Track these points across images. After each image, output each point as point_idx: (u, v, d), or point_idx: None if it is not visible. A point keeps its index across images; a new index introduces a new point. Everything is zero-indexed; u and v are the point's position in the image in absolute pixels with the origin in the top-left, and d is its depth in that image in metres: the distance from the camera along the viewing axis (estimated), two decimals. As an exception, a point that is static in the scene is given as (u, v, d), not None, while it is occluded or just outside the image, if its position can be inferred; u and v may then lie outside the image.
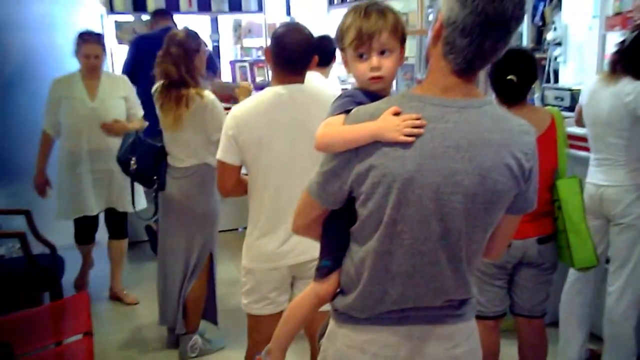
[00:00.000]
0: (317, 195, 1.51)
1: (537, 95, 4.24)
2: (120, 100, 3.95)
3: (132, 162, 3.26)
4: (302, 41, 2.31)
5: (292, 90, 2.31)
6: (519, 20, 1.33)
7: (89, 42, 3.83)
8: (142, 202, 3.99)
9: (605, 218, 3.00)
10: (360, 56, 1.51)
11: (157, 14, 5.35)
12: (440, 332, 1.50)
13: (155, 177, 3.25)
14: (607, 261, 3.10)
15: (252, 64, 6.31)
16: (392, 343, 1.49)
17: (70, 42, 3.85)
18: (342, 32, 1.53)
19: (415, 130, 1.33)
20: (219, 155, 2.35)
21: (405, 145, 1.33)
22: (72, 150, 3.90)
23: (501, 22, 1.30)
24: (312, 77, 3.49)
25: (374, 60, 1.49)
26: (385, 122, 1.35)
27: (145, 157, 3.27)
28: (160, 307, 3.51)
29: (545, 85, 4.47)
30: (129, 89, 4.06)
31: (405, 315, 1.48)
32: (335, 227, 1.57)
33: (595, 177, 2.98)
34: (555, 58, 4.73)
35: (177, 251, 3.33)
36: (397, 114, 1.35)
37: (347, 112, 1.46)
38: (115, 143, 3.65)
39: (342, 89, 4.60)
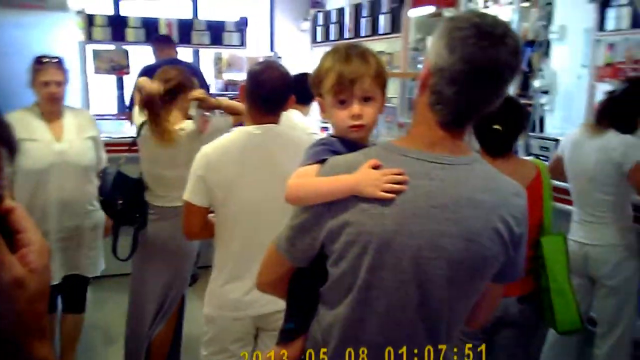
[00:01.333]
0: (286, 251, 1.38)
1: (521, 144, 4.17)
2: (88, 141, 3.24)
3: (120, 201, 3.02)
4: (279, 79, 2.20)
5: (266, 131, 2.18)
6: (514, 69, 1.21)
7: (49, 67, 3.11)
8: (101, 264, 3.46)
9: (588, 278, 2.88)
10: (341, 102, 1.39)
11: (161, 42, 5.18)
12: None
13: (137, 215, 3.05)
14: (589, 322, 2.98)
15: (232, 99, 6.19)
16: None
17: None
18: (320, 75, 1.42)
19: (397, 187, 1.21)
20: (186, 195, 2.21)
21: (384, 202, 1.21)
22: (35, 204, 3.09)
23: (492, 70, 1.18)
24: (292, 115, 3.38)
25: (356, 107, 1.37)
26: (363, 175, 1.23)
27: (130, 193, 3.06)
28: (128, 352, 3.27)
29: (530, 134, 4.41)
30: (96, 128, 3.38)
31: None
32: (303, 286, 1.45)
33: (578, 234, 2.88)
34: (542, 106, 4.69)
35: (154, 292, 3.14)
36: (377, 167, 1.24)
37: (322, 161, 1.34)
38: (90, 192, 3.24)
39: (322, 128, 4.55)
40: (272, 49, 7.40)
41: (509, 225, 1.26)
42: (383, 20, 5.45)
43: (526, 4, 5.24)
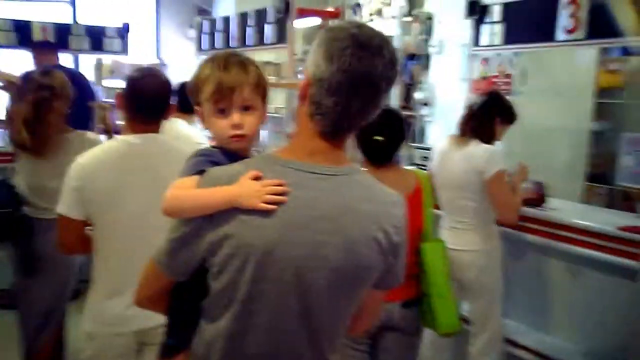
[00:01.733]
0: (165, 265, 1.34)
1: (403, 154, 4.31)
2: None
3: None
4: (159, 87, 2.13)
5: (146, 140, 2.11)
6: (391, 80, 1.24)
7: None
8: None
9: (458, 281, 3.02)
10: (220, 111, 1.37)
11: (40, 47, 4.89)
12: None
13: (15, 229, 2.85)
14: (463, 320, 3.12)
15: (114, 106, 5.95)
16: None
17: None
18: (198, 84, 1.39)
19: (277, 198, 1.20)
20: (60, 208, 2.09)
21: (265, 213, 1.20)
22: None
23: (370, 81, 1.20)
24: (176, 124, 3.30)
25: (236, 116, 1.36)
26: (243, 187, 1.21)
27: (10, 204, 2.86)
28: None
29: (412, 144, 4.57)
30: None
31: None
32: (183, 300, 1.40)
33: (447, 240, 3.02)
34: (422, 117, 4.87)
35: (39, 306, 2.99)
36: (257, 178, 1.22)
37: (201, 172, 1.31)
38: None
39: (210, 138, 4.44)
40: (157, 56, 7.22)
41: (387, 234, 1.28)
42: (269, 30, 5.45)
43: (408, 19, 5.45)
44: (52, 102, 2.78)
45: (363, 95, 1.21)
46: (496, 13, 3.99)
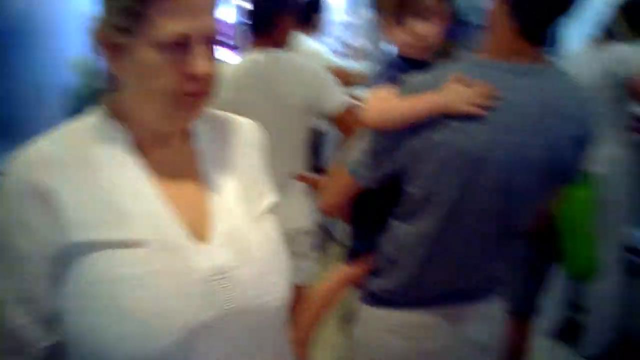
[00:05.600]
0: (361, 176, 1.37)
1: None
2: None
3: None
4: None
5: (267, 58, 2.10)
6: None
7: None
8: None
9: None
10: (401, 22, 1.36)
11: None
12: (478, 310, 1.42)
13: None
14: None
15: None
16: (430, 324, 1.39)
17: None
18: None
19: (487, 101, 1.19)
20: None
21: (477, 118, 1.19)
22: None
23: None
24: (303, 40, 3.21)
25: (420, 26, 1.35)
26: (452, 92, 1.20)
27: None
28: None
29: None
30: None
31: (444, 295, 1.39)
32: (369, 207, 1.44)
33: None
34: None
35: None
36: (463, 81, 1.21)
37: (393, 81, 1.31)
38: None
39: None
40: None
41: (584, 128, 1.28)
42: None
43: None
44: None
45: None
46: None
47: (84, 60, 3.42)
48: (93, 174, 0.85)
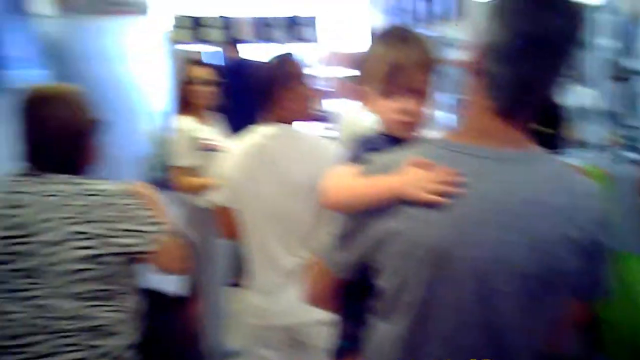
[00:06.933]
0: (330, 262, 1.25)
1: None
2: None
3: None
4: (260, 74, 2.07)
5: (281, 132, 2.04)
6: (574, 40, 1.04)
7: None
8: None
9: None
10: (387, 93, 1.25)
11: (227, 43, 5.18)
12: None
13: None
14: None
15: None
16: None
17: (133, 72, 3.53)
18: (365, 61, 1.29)
19: (446, 188, 1.04)
20: (217, 195, 2.16)
21: (434, 207, 1.04)
22: None
23: (549, 42, 1.01)
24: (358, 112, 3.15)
25: (405, 101, 1.24)
26: (406, 175, 1.07)
27: None
28: None
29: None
30: None
31: None
32: (353, 300, 1.31)
33: None
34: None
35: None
36: (422, 165, 1.07)
37: (359, 160, 1.21)
38: None
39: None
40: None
41: (584, 231, 1.07)
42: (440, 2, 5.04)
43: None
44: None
45: (541, 59, 1.02)
46: None
47: (157, 134, 3.61)
48: None
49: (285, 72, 2.00)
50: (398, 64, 1.23)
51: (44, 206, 1.54)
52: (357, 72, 1.97)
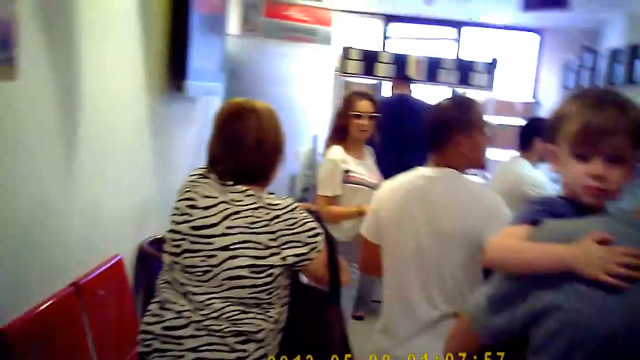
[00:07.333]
0: (480, 325, 1.15)
1: None
2: None
3: None
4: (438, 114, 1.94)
5: (439, 175, 1.90)
6: None
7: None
8: None
9: None
10: (580, 156, 1.15)
11: (397, 78, 5.20)
12: None
13: None
14: None
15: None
16: None
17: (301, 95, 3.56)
18: (559, 120, 1.19)
19: (629, 272, 0.92)
20: (362, 229, 2.08)
21: (609, 289, 0.93)
22: None
23: None
24: (520, 163, 2.96)
25: (599, 166, 1.13)
26: (584, 249, 0.97)
27: None
28: None
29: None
30: None
31: None
32: None
33: None
34: None
35: None
36: (605, 242, 0.97)
37: (535, 223, 1.11)
38: None
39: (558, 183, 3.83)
40: (534, 95, 6.80)
41: None
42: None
43: None
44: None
45: None
46: None
47: (310, 157, 3.63)
48: None
49: (465, 118, 1.89)
50: (592, 125, 1.13)
51: (218, 211, 1.63)
52: (522, 122, 1.85)
